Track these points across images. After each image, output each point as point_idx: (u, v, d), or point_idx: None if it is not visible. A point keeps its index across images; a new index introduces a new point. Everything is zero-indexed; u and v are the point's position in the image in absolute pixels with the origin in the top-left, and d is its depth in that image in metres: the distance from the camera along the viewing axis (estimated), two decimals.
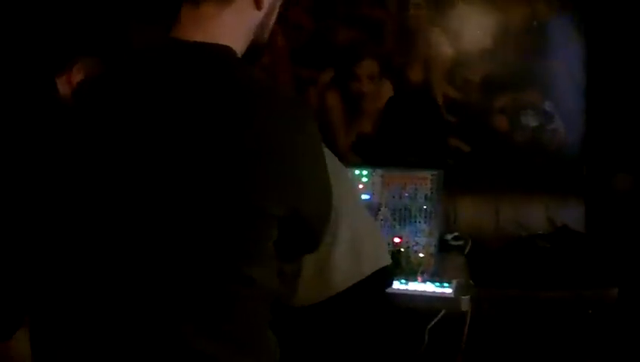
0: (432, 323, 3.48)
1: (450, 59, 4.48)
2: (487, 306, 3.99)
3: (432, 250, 3.73)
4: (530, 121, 4.41)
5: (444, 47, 4.48)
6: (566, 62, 4.36)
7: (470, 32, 4.46)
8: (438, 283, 3.48)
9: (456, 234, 4.21)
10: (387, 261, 2.97)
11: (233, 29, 1.69)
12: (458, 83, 4.48)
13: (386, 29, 4.53)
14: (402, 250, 3.72)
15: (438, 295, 3.44)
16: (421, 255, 3.71)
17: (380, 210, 3.73)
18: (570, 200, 4.39)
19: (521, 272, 4.00)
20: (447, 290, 3.44)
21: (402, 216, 3.75)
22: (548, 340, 3.90)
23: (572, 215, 4.35)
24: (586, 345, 3.84)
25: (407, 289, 3.46)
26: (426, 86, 4.47)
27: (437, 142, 4.29)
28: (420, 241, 3.73)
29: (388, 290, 3.27)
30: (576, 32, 4.35)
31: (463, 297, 3.43)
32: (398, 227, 3.74)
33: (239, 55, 1.70)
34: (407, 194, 3.76)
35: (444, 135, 4.42)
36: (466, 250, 4.08)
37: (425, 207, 3.74)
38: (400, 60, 4.53)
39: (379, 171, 3.79)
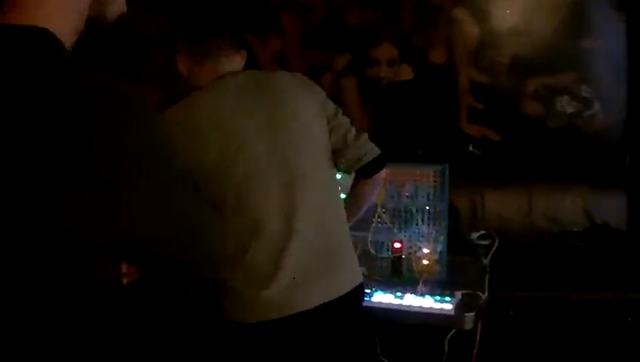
0: (449, 335, 3.15)
1: (476, 39, 4.09)
2: (513, 310, 3.69)
3: (439, 256, 3.36)
4: (566, 106, 3.99)
5: (468, 26, 4.09)
6: (605, 41, 3.92)
7: (497, 9, 4.06)
8: (438, 297, 3.10)
9: (482, 232, 3.82)
10: (352, 285, 2.65)
11: (55, 6, 1.43)
12: (485, 65, 4.10)
13: (404, 7, 4.16)
14: (403, 256, 3.37)
15: (436, 312, 3.02)
16: (425, 262, 3.34)
17: (376, 211, 3.39)
18: (610, 193, 3.98)
19: (551, 273, 3.66)
20: (447, 306, 3.02)
21: (402, 219, 3.39)
22: (581, 346, 3.57)
23: (612, 209, 3.96)
24: (623, 353, 3.50)
25: (400, 305, 3.09)
26: (450, 69, 4.09)
27: (446, 130, 3.88)
28: (423, 246, 3.37)
29: (368, 305, 2.99)
30: (616, 8, 3.90)
31: (466, 314, 3.02)
32: (397, 230, 3.39)
33: (67, 37, 1.43)
34: (407, 194, 3.39)
35: (453, 122, 4.01)
36: (493, 250, 3.70)
37: (428, 207, 3.37)
38: (420, 42, 4.16)
39: None
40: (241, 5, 4.22)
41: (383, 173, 2.81)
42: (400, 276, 3.35)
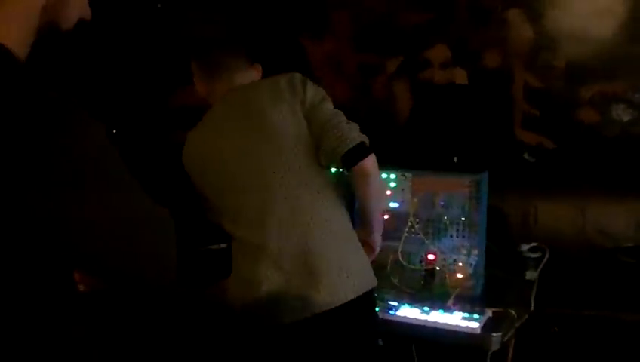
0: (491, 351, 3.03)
1: (531, 42, 3.92)
2: (558, 327, 3.58)
3: (473, 270, 3.26)
4: (622, 113, 3.78)
5: (523, 28, 3.92)
6: None
7: (553, 11, 3.87)
8: (467, 314, 3.00)
9: (533, 244, 3.68)
10: (335, 302, 2.57)
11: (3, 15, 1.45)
12: (540, 69, 3.91)
13: (458, 7, 4.03)
14: (437, 268, 3.28)
15: (461, 330, 2.92)
16: (459, 275, 3.25)
17: (408, 221, 3.29)
18: None
19: (600, 290, 3.51)
20: (473, 325, 2.93)
21: (436, 229, 3.30)
22: None
23: None
24: None
25: (426, 321, 2.99)
26: (504, 73, 3.94)
27: (496, 137, 3.69)
28: (458, 259, 3.27)
29: (393, 319, 3.01)
30: None
31: (493, 334, 2.90)
32: (429, 241, 3.29)
33: (16, 47, 1.43)
34: (441, 203, 3.29)
35: (507, 129, 3.83)
36: (542, 264, 3.57)
37: (463, 218, 3.26)
38: (475, 44, 4.02)
39: (408, 175, 3.33)
40: (293, 6, 4.20)
41: (368, 163, 2.66)
42: (432, 289, 3.26)
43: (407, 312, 3.05)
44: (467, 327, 2.93)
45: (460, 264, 3.25)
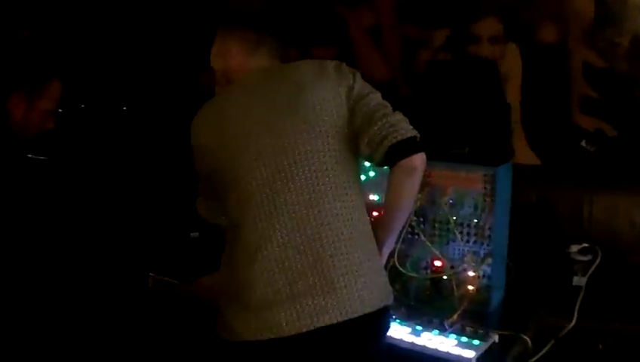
0: None
1: (592, 15, 3.52)
2: (603, 343, 3.19)
3: (487, 281, 2.85)
4: None
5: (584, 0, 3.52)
6: None
7: None
8: (466, 338, 2.60)
9: (584, 245, 3.28)
10: (347, 315, 2.22)
11: None
12: (602, 46, 3.53)
13: None
14: (445, 277, 2.89)
15: (453, 359, 2.49)
16: (470, 287, 2.85)
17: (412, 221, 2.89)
18: None
19: None
20: (468, 353, 2.51)
21: (444, 231, 2.90)
22: None
23: None
24: None
25: (413, 344, 2.60)
26: (561, 50, 3.54)
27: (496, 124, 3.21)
28: (470, 268, 2.87)
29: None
30: None
31: None
32: (437, 246, 2.89)
33: None
34: (450, 201, 2.89)
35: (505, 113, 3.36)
36: (592, 268, 3.16)
37: (475, 220, 2.85)
38: (529, 17, 3.64)
39: None
40: None
41: (418, 160, 2.32)
42: (436, 302, 2.88)
43: (395, 331, 2.66)
44: (459, 356, 2.53)
45: (471, 274, 2.85)
